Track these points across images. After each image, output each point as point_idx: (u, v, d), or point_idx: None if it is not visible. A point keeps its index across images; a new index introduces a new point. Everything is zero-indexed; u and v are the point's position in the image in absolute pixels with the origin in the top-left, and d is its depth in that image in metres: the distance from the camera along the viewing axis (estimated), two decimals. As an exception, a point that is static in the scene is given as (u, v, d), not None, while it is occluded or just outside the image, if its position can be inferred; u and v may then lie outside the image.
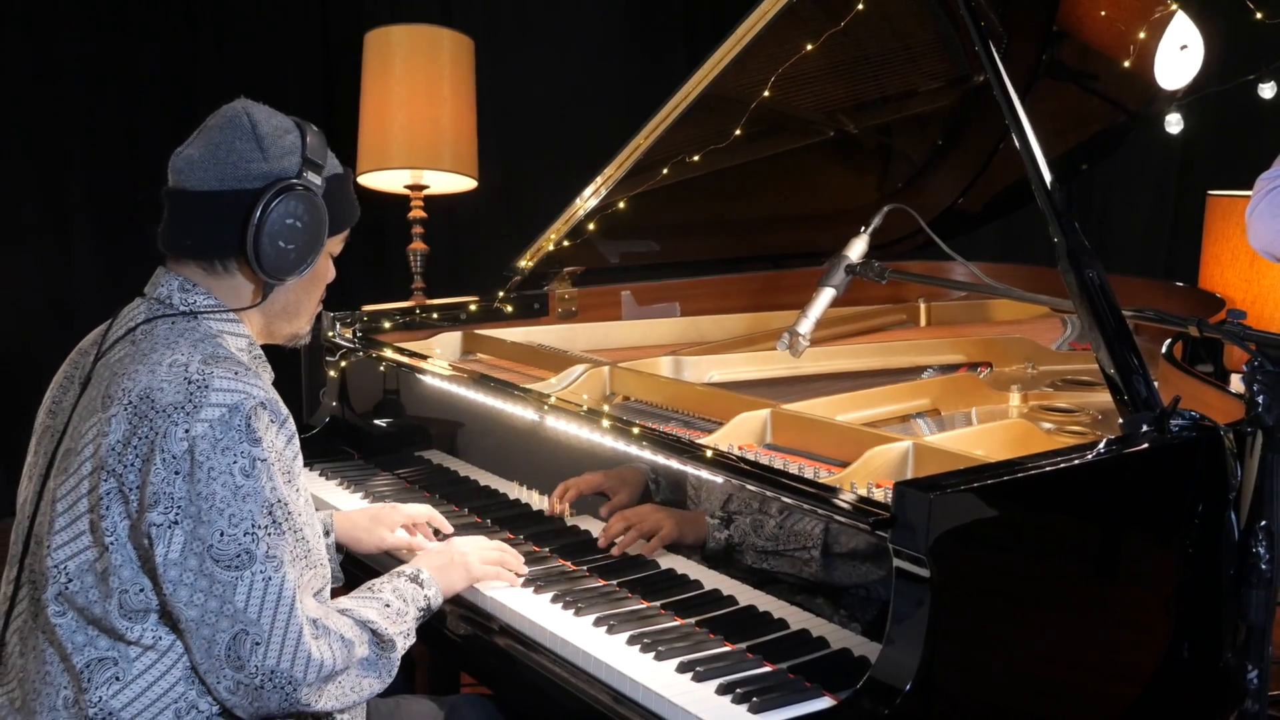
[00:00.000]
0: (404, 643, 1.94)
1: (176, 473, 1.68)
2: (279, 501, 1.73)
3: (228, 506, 1.69)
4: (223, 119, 1.87)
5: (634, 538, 2.20)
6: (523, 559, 2.23)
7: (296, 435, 1.82)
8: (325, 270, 2.00)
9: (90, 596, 1.74)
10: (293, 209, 1.83)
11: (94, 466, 1.74)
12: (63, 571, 1.75)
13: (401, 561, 2.36)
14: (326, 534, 2.30)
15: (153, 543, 1.69)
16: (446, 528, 2.42)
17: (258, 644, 1.71)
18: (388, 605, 1.95)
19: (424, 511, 2.41)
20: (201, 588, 1.69)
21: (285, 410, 1.80)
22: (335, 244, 1.99)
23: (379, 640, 1.89)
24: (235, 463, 1.69)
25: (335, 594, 2.02)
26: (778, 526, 1.95)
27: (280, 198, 1.82)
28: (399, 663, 1.92)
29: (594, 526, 2.35)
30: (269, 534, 1.71)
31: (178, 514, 1.68)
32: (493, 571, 2.17)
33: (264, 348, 1.98)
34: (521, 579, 2.20)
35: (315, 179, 1.88)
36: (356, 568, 2.37)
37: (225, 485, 1.69)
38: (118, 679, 1.74)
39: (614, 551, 2.22)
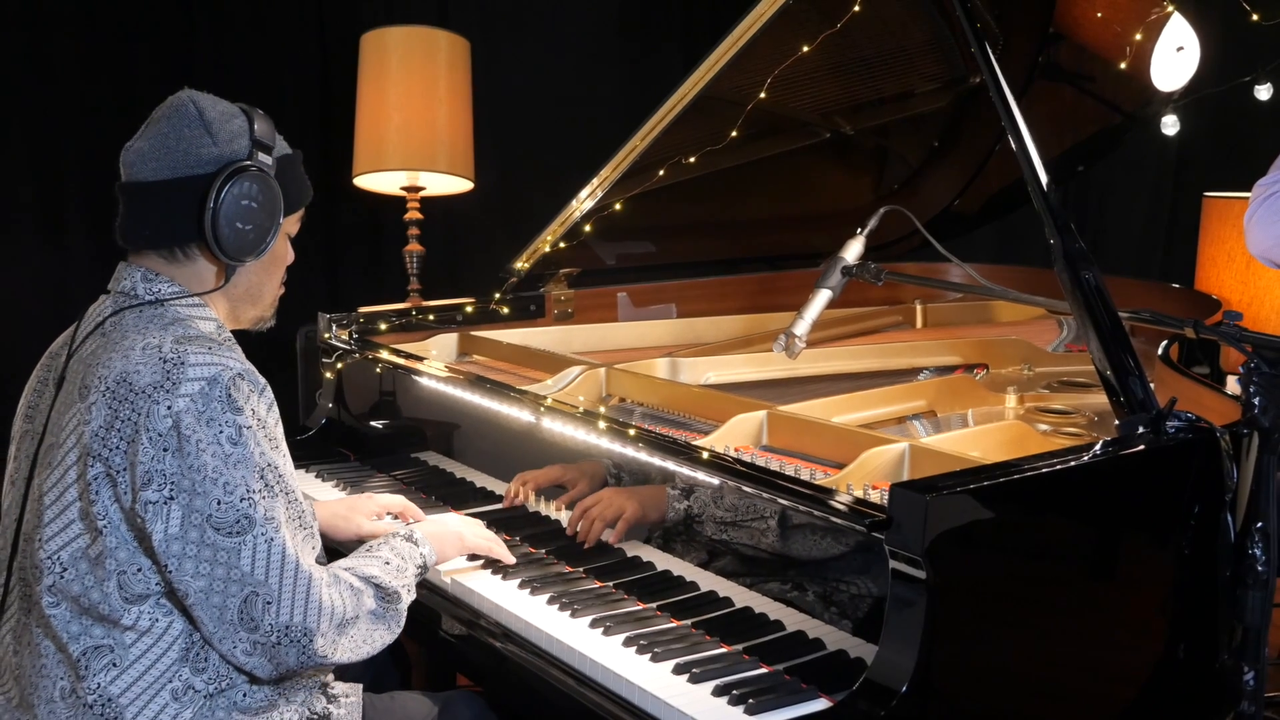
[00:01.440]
0: (408, 595, 1.98)
1: (165, 449, 1.70)
2: (269, 465, 1.77)
3: (220, 475, 1.71)
4: (169, 109, 1.91)
5: (599, 526, 2.24)
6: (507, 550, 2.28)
7: (275, 404, 1.85)
8: (284, 252, 2.02)
9: (85, 584, 1.76)
10: (247, 190, 1.86)
11: (79, 455, 1.76)
12: (56, 562, 1.77)
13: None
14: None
15: (148, 522, 1.71)
16: (421, 517, 2.45)
17: (269, 603, 1.74)
18: (387, 562, 1.98)
19: (398, 501, 2.45)
20: (206, 558, 1.72)
21: (263, 379, 1.83)
22: (291, 224, 2.01)
23: (384, 593, 1.92)
24: (222, 432, 1.72)
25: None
26: (737, 497, 1.95)
27: (234, 179, 1.84)
28: (404, 614, 1.95)
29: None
30: (264, 497, 1.75)
31: (172, 489, 1.71)
32: (484, 545, 2.22)
33: (235, 335, 2.00)
34: (518, 580, 2.20)
35: (266, 159, 1.90)
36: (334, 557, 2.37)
37: (215, 455, 1.71)
38: (115, 665, 1.76)
39: (579, 538, 2.26)
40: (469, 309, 3.29)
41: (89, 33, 4.89)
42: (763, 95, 2.99)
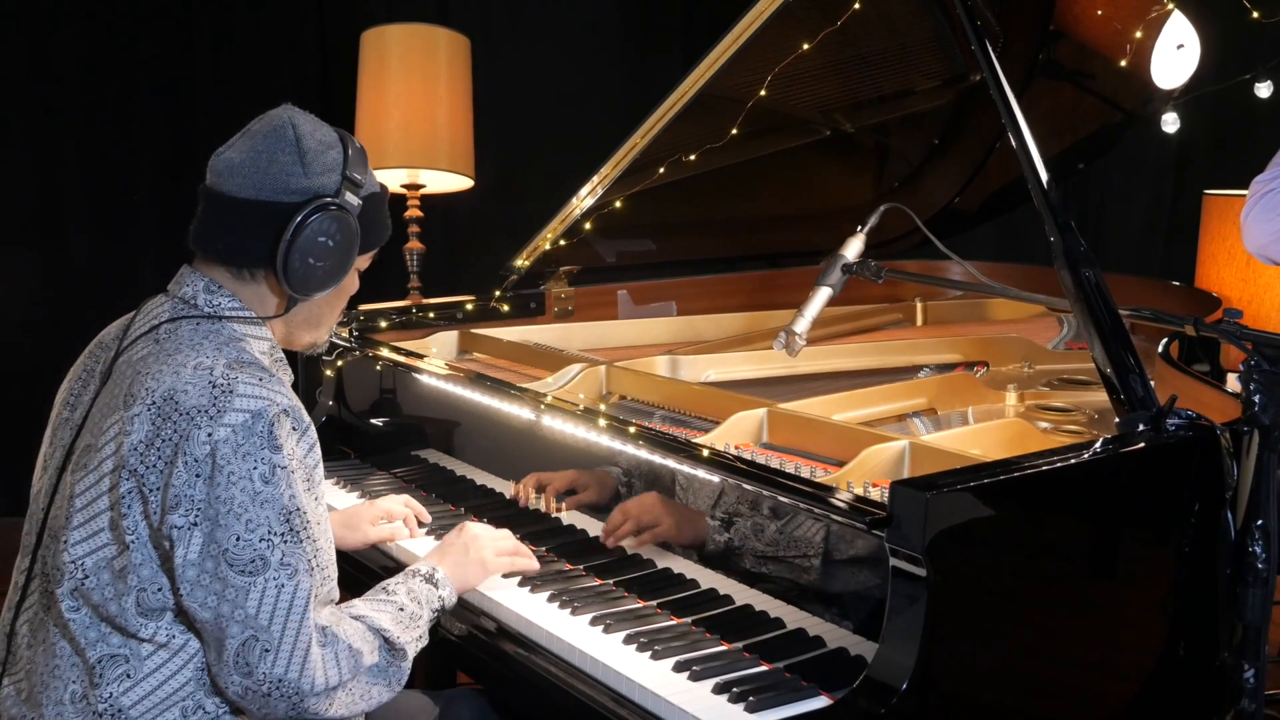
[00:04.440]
0: (416, 648, 1.93)
1: (198, 475, 1.69)
2: (297, 510, 1.73)
3: (245, 511, 1.69)
4: (268, 126, 1.86)
5: (630, 526, 2.19)
6: (534, 561, 2.21)
7: (318, 444, 1.82)
8: (351, 285, 2.00)
9: (106, 594, 1.75)
10: (326, 228, 1.83)
11: (115, 465, 1.74)
12: (79, 567, 1.76)
13: (387, 555, 2.37)
14: None
15: (174, 545, 1.70)
16: (425, 517, 2.45)
17: (267, 650, 1.70)
18: (402, 609, 1.93)
19: (399, 503, 2.43)
20: (215, 590, 1.69)
21: (308, 418, 1.81)
22: (364, 261, 1.99)
23: (390, 648, 1.87)
24: (255, 468, 1.70)
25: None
26: (778, 532, 1.94)
27: (316, 215, 1.82)
28: (408, 671, 1.91)
29: (590, 525, 2.35)
30: (285, 541, 1.71)
31: (197, 516, 1.69)
32: (507, 563, 2.16)
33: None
34: (518, 578, 2.19)
35: (353, 199, 1.88)
36: (345, 563, 2.37)
37: (244, 490, 1.69)
38: (129, 676, 1.75)
39: (610, 542, 2.21)
40: (469, 307, 3.29)
41: (89, 32, 4.89)
42: (763, 93, 2.98)
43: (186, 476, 1.69)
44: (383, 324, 3.15)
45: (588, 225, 3.19)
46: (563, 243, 3.22)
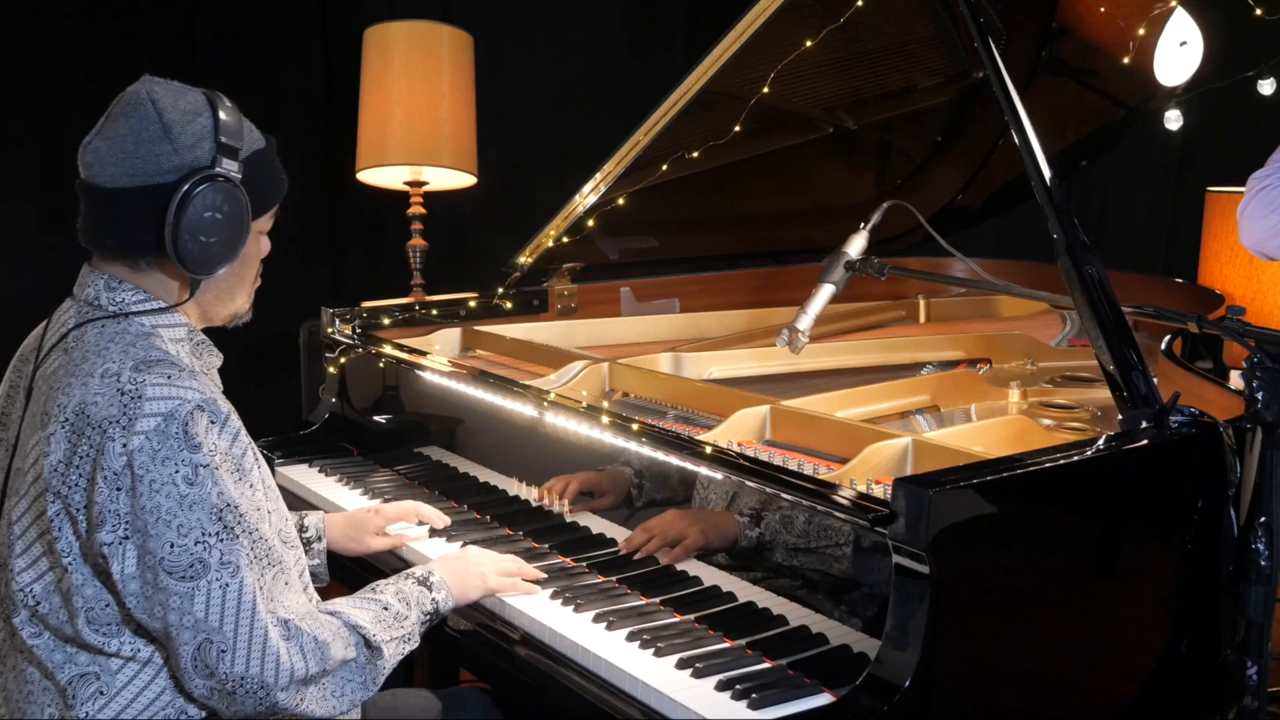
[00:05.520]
0: (399, 649, 1.89)
1: (119, 489, 1.64)
2: (228, 505, 1.68)
3: (174, 518, 1.64)
4: (126, 105, 1.77)
5: (656, 543, 2.16)
6: (540, 573, 2.19)
7: (243, 430, 1.76)
8: (256, 250, 1.91)
9: (60, 617, 1.72)
10: (210, 201, 1.73)
11: (40, 489, 1.70)
12: (30, 594, 1.73)
13: (398, 557, 2.36)
14: (319, 539, 2.28)
15: (108, 560, 1.66)
16: (436, 522, 2.40)
17: (224, 651, 1.67)
18: (385, 608, 1.90)
19: (409, 509, 2.39)
20: (160, 601, 1.66)
21: (225, 406, 1.75)
22: (264, 222, 1.89)
23: (367, 645, 1.83)
24: (177, 472, 1.65)
25: (323, 594, 2.01)
26: (807, 523, 1.93)
27: (196, 191, 1.72)
28: (385, 671, 1.86)
29: (592, 522, 2.35)
30: (221, 540, 1.67)
31: (126, 529, 1.65)
32: (508, 584, 2.12)
33: (219, 330, 1.92)
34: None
35: (231, 164, 1.77)
36: (354, 563, 2.37)
37: (169, 496, 1.64)
38: (102, 693, 1.72)
39: (636, 558, 2.18)
40: (472, 304, 3.29)
41: (92, 28, 4.89)
42: (766, 90, 2.98)
43: (108, 491, 1.64)
44: (385, 321, 3.15)
45: (591, 222, 3.19)
46: (566, 240, 3.22)
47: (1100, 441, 1.89)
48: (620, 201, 3.15)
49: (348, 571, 2.37)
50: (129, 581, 1.66)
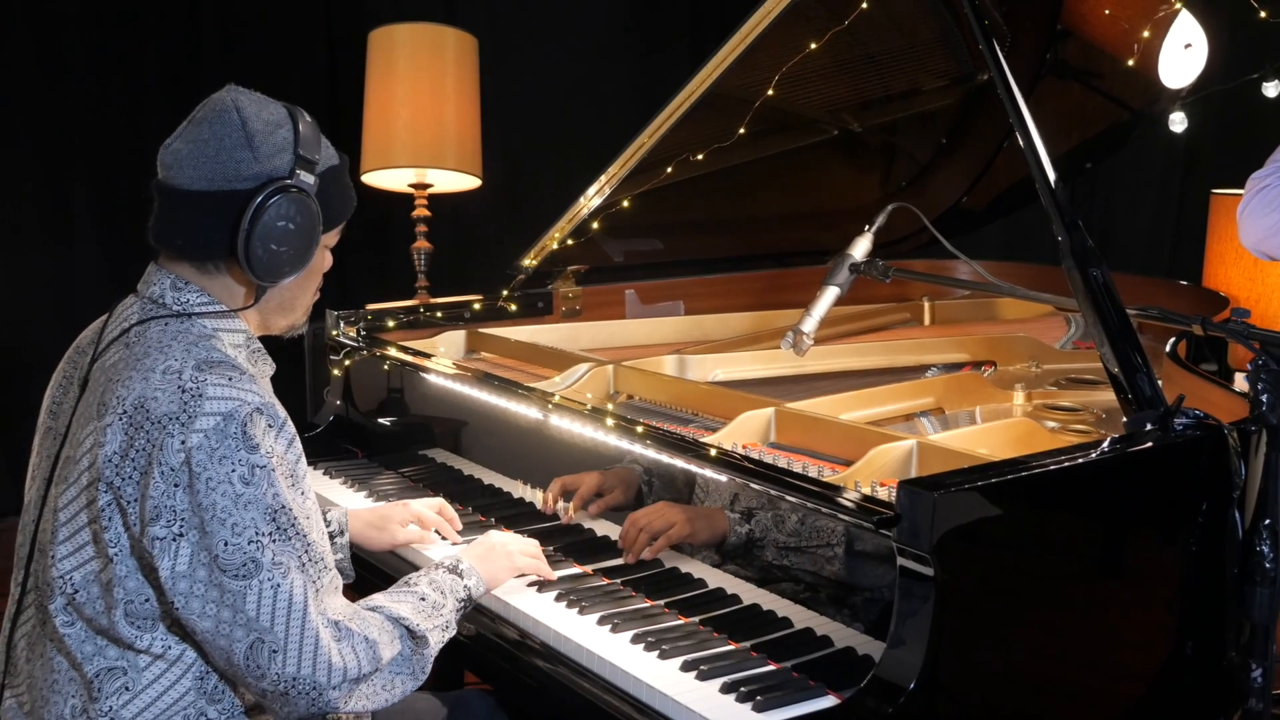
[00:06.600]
0: (440, 637, 1.91)
1: (175, 485, 1.65)
2: (282, 507, 1.70)
3: (229, 516, 1.66)
4: (211, 111, 1.80)
5: (646, 539, 2.18)
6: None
7: (297, 437, 1.79)
8: (321, 263, 1.95)
9: (97, 607, 1.73)
10: (285, 211, 1.77)
11: (92, 478, 1.71)
12: (68, 582, 1.74)
13: (409, 562, 2.37)
14: (341, 533, 2.29)
15: (156, 557, 1.67)
16: (457, 523, 2.41)
17: (275, 651, 1.69)
18: (423, 599, 1.92)
19: (435, 505, 2.40)
20: (213, 598, 1.67)
21: (283, 413, 1.77)
22: (331, 237, 1.93)
23: (412, 636, 1.86)
24: (234, 471, 1.66)
25: (345, 591, 2.01)
26: (799, 522, 1.94)
27: (272, 200, 1.76)
28: (430, 660, 1.89)
29: (598, 526, 2.35)
30: (274, 541, 1.69)
31: (181, 526, 1.66)
32: (533, 564, 2.15)
33: (262, 339, 1.95)
34: (527, 578, 2.18)
35: (308, 177, 1.82)
36: (362, 568, 2.37)
37: (225, 495, 1.66)
38: (127, 689, 1.73)
39: (630, 558, 2.19)
40: (477, 306, 3.30)
41: (97, 30, 4.90)
42: (770, 92, 2.99)
43: (164, 486, 1.65)
44: (390, 323, 3.15)
45: (595, 225, 3.19)
46: (570, 242, 3.23)
47: (1105, 444, 1.88)
48: (625, 204, 3.16)
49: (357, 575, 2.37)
50: (178, 580, 1.67)
